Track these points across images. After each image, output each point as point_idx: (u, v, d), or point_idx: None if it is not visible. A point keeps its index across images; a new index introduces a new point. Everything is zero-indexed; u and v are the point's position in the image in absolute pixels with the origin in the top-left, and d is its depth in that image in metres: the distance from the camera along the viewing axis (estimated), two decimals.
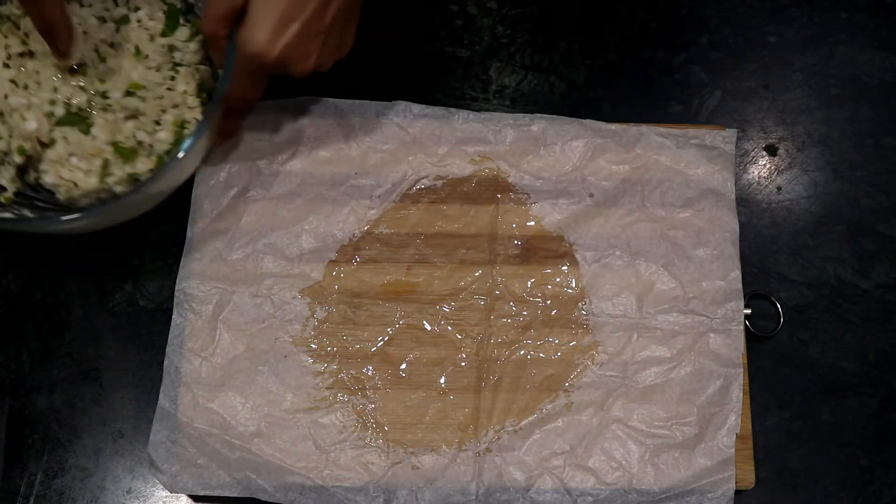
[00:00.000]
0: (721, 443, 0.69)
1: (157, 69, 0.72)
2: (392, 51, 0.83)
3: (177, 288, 0.73)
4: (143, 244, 0.76)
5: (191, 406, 0.70)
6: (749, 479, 0.69)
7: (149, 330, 0.74)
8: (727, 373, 0.71)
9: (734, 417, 0.70)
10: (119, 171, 0.70)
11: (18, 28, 0.71)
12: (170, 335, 0.72)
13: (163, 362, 0.71)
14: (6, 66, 0.69)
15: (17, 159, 0.68)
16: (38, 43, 0.69)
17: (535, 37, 0.83)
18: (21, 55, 0.69)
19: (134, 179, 0.70)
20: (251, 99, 0.68)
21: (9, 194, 0.70)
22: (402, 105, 0.78)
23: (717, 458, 0.69)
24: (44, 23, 0.65)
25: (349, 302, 0.73)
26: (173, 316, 0.72)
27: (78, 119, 0.69)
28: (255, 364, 0.71)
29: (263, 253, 0.74)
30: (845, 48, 0.83)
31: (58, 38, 0.67)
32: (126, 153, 0.70)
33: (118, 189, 0.70)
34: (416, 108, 0.77)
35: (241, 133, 0.76)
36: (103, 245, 0.73)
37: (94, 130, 0.70)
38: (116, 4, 0.73)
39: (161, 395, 0.70)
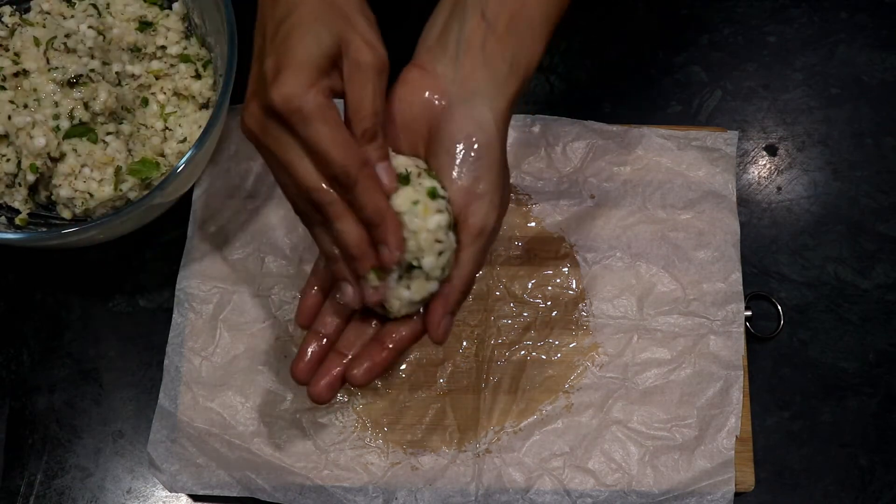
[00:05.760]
0: (721, 445, 0.69)
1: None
2: (392, 51, 0.82)
3: (177, 287, 0.73)
4: (143, 244, 0.75)
5: (191, 405, 0.70)
6: (749, 482, 0.69)
7: (149, 330, 0.74)
8: (727, 375, 0.71)
9: (734, 419, 0.70)
10: (132, 177, 0.70)
11: (7, 49, 0.70)
12: (170, 334, 0.72)
13: (163, 362, 0.71)
14: (2, 87, 0.69)
15: (30, 178, 0.68)
16: (30, 61, 0.69)
17: None
18: (15, 75, 0.69)
19: (147, 185, 0.70)
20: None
21: (23, 216, 0.70)
22: None
23: (717, 461, 0.69)
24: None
25: None
26: (174, 315, 0.72)
27: (85, 130, 0.69)
28: (255, 364, 0.71)
29: (264, 253, 0.74)
30: (845, 48, 0.83)
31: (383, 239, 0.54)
32: (139, 163, 0.70)
33: (132, 195, 0.70)
34: None
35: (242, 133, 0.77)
36: (103, 245, 0.73)
37: (103, 138, 0.70)
38: (99, 14, 0.73)
39: (161, 395, 0.70)
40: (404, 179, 0.54)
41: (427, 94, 0.56)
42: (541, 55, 0.58)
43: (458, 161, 0.55)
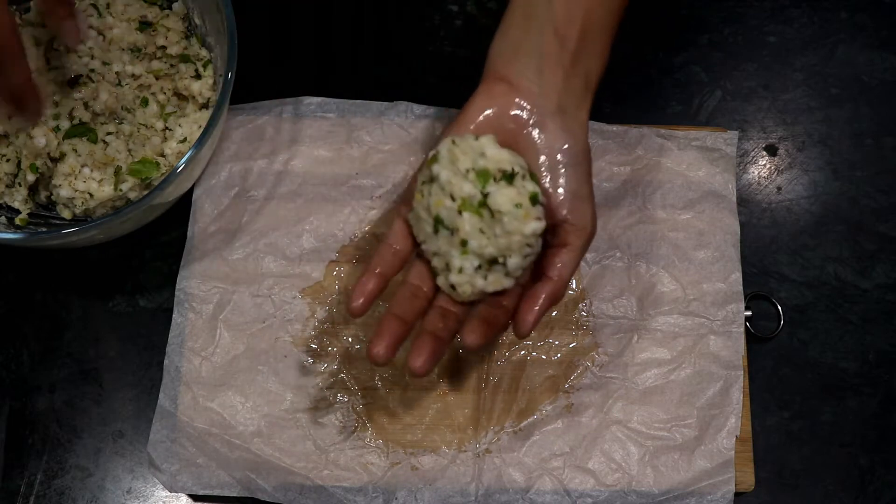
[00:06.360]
0: (721, 445, 0.69)
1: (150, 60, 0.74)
2: (392, 51, 0.83)
3: (177, 287, 0.73)
4: (143, 244, 0.75)
5: (191, 405, 0.70)
6: (749, 482, 0.69)
7: (149, 330, 0.74)
8: (727, 375, 0.71)
9: (734, 420, 0.70)
10: (132, 178, 0.70)
11: None
12: (170, 334, 0.72)
13: (163, 362, 0.71)
14: None
15: (30, 178, 0.68)
16: (31, 61, 0.69)
17: None
18: None
19: (147, 185, 0.70)
20: None
21: (23, 216, 0.70)
22: (403, 105, 0.78)
23: (717, 461, 0.69)
24: (11, 91, 0.61)
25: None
26: (174, 315, 0.72)
27: (85, 130, 0.69)
28: (255, 364, 0.71)
29: (264, 253, 0.74)
30: (845, 48, 0.83)
31: (27, 105, 0.63)
32: (139, 163, 0.70)
33: (132, 196, 0.70)
34: (418, 108, 0.77)
35: (243, 134, 0.77)
36: (103, 245, 0.73)
37: (103, 138, 0.70)
38: (99, 14, 0.73)
39: (161, 395, 0.70)
40: (508, 178, 0.56)
41: (517, 107, 0.59)
42: (605, 68, 0.61)
43: (561, 168, 0.58)
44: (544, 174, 0.59)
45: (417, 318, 0.61)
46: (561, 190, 0.59)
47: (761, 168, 0.80)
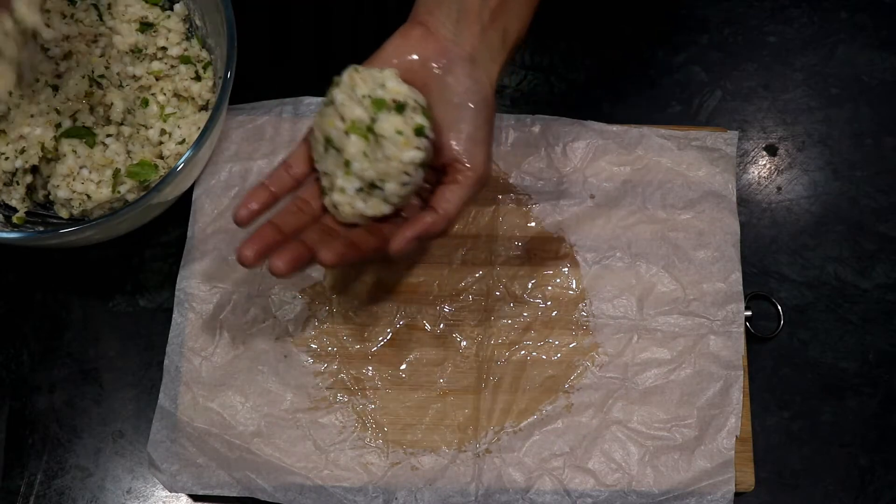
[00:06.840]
0: (721, 445, 0.69)
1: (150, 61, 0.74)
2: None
3: (177, 287, 0.73)
4: (143, 244, 0.75)
5: (191, 405, 0.70)
6: (749, 482, 0.69)
7: (149, 330, 0.74)
8: (727, 375, 0.71)
9: (734, 420, 0.70)
10: (130, 180, 0.70)
11: None
12: (170, 334, 0.72)
13: (163, 362, 0.71)
14: None
15: (27, 178, 0.68)
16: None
17: (535, 37, 0.83)
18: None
19: (145, 187, 0.70)
20: None
21: (21, 214, 0.70)
22: None
23: (717, 461, 0.69)
24: None
25: (349, 302, 0.73)
26: (174, 315, 0.72)
27: (84, 132, 0.69)
28: (255, 364, 0.71)
29: None
30: (845, 48, 0.83)
31: None
32: (138, 166, 0.70)
33: (130, 198, 0.70)
34: None
35: (243, 134, 0.77)
36: (103, 245, 0.73)
37: (102, 140, 0.70)
38: (102, 20, 0.74)
39: (161, 395, 0.70)
40: (399, 108, 0.58)
41: (429, 51, 0.61)
42: (525, 31, 0.63)
43: (462, 111, 0.61)
44: (444, 115, 0.60)
45: (296, 232, 0.61)
46: (458, 131, 0.60)
47: (761, 168, 0.80)
